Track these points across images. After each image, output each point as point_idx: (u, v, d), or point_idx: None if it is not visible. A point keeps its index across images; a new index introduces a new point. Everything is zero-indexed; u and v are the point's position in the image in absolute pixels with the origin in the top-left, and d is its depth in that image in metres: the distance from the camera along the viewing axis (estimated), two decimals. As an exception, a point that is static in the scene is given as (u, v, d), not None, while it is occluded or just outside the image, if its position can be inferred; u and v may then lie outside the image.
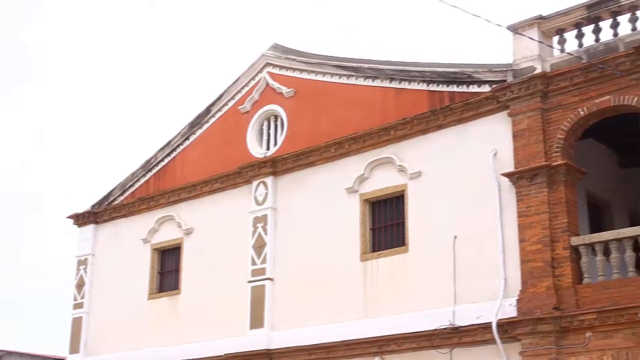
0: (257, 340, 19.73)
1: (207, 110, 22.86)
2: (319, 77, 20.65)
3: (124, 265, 23.28)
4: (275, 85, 21.47)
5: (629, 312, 14.83)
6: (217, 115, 22.67)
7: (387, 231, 18.81)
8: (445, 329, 16.86)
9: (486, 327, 16.29)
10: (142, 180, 23.80)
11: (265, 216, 20.62)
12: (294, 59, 21.27)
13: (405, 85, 18.98)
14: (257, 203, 20.83)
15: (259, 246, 20.47)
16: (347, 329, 18.31)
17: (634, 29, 16.14)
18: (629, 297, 14.96)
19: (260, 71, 21.93)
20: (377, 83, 19.48)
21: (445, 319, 16.90)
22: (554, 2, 17.10)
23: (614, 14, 16.43)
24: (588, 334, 15.24)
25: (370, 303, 18.33)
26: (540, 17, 17.01)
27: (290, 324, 19.44)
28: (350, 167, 19.32)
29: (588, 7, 16.62)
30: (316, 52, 21.27)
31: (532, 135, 16.63)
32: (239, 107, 22.10)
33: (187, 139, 23.19)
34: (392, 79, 19.20)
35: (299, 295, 19.52)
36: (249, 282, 20.41)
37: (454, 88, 18.13)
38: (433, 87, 18.47)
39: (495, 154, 17.14)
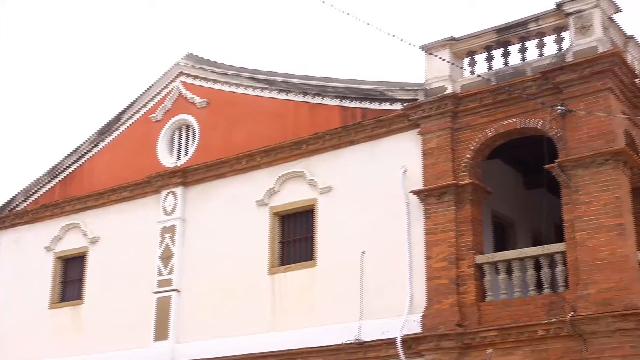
0: (162, 352, 19.46)
1: (118, 117, 22.51)
2: (233, 89, 20.59)
3: (26, 273, 22.66)
4: (188, 94, 21.30)
5: (529, 330, 15.18)
6: (128, 123, 22.35)
7: (296, 245, 18.82)
8: (351, 343, 16.95)
9: (391, 342, 16.45)
10: (47, 187, 23.24)
11: (173, 226, 20.38)
12: (207, 69, 21.15)
13: (318, 100, 19.08)
14: (166, 213, 20.58)
15: (166, 257, 20.22)
16: (253, 342, 18.23)
17: (541, 54, 16.62)
18: (529, 315, 15.33)
19: (173, 80, 21.73)
20: (291, 97, 19.53)
21: (352, 333, 17.00)
22: (466, 24, 17.49)
23: (523, 39, 16.89)
24: (489, 351, 15.54)
25: (278, 316, 18.30)
26: (452, 39, 17.36)
27: (195, 336, 19.24)
28: (261, 180, 19.29)
29: (498, 31, 17.04)
30: (230, 64, 21.22)
31: (441, 154, 16.92)
32: (151, 116, 21.83)
33: (95, 146, 22.77)
34: (305, 94, 19.28)
35: (205, 307, 19.34)
36: (155, 293, 20.13)
37: (366, 105, 18.32)
38: (346, 103, 18.62)
39: (404, 171, 17.37)
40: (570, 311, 14.73)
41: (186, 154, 21.06)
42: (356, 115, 18.39)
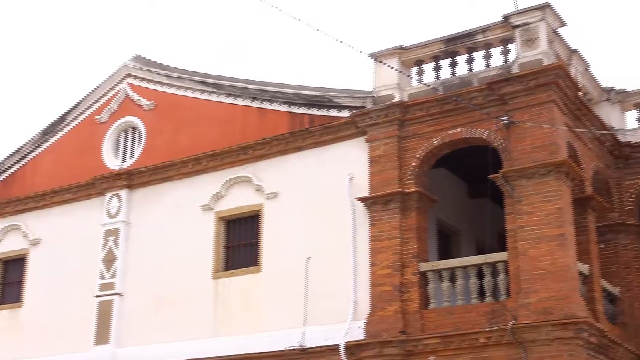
0: (102, 357, 19.21)
1: (62, 118, 22.18)
2: (181, 92, 20.45)
3: (-36, 275, 22.17)
4: (135, 96, 21.10)
5: (471, 337, 15.33)
6: (72, 124, 22.05)
7: (240, 250, 18.75)
8: (294, 349, 16.93)
9: (334, 349, 16.46)
10: (-12, 187, 22.82)
11: (117, 229, 20.15)
12: (155, 72, 20.99)
13: (267, 105, 19.05)
14: (110, 216, 20.34)
15: (109, 260, 19.98)
16: (195, 347, 18.09)
17: (487, 65, 16.84)
18: (471, 322, 15.48)
19: (120, 82, 21.51)
20: (239, 101, 19.47)
21: (295, 339, 16.98)
22: (415, 33, 17.65)
23: (470, 50, 17.09)
24: (431, 358, 15.65)
25: (221, 322, 18.19)
26: (401, 48, 17.49)
27: (137, 341, 19.02)
28: (207, 184, 19.18)
29: (446, 41, 17.22)
30: (179, 67, 21.08)
31: (387, 161, 17.01)
32: (96, 117, 21.57)
33: (38, 146, 22.41)
34: (254, 99, 19.24)
35: (147, 312, 19.15)
36: (97, 296, 19.87)
37: (314, 111, 18.34)
38: (294, 109, 18.63)
39: (351, 178, 17.42)
40: (512, 319, 14.92)
41: (132, 156, 20.85)
42: (304, 122, 18.40)
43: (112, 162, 20.98)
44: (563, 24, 16.72)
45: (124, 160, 20.93)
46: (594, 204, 16.95)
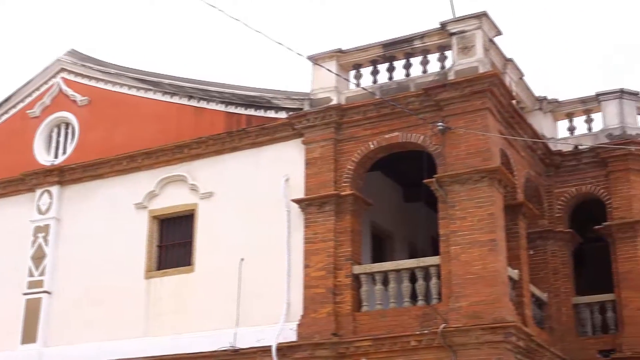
0: (29, 356, 18.82)
1: (-7, 111, 21.69)
2: (116, 88, 20.17)
3: None
4: (69, 92, 20.75)
5: (402, 340, 15.45)
6: (3, 118, 21.57)
7: (174, 250, 18.59)
8: (225, 350, 16.85)
9: (266, 350, 16.43)
10: None
11: (47, 226, 19.78)
12: (90, 67, 20.67)
13: (203, 104, 18.93)
14: (40, 212, 19.96)
15: (38, 257, 19.60)
16: (126, 347, 17.85)
17: (424, 71, 17.01)
18: (404, 325, 15.60)
19: (54, 76, 21.12)
20: (176, 100, 19.30)
21: (227, 340, 16.89)
22: (354, 37, 17.74)
23: (408, 55, 17.24)
24: (363, 360, 15.74)
25: (152, 322, 18.00)
26: (340, 51, 17.55)
27: (65, 340, 18.69)
28: (141, 183, 18.96)
29: (384, 46, 17.33)
30: (115, 63, 20.80)
31: (323, 164, 17.05)
32: (28, 112, 21.13)
33: (-32, 140, 21.87)
34: (191, 97, 19.09)
35: (77, 311, 18.82)
36: (24, 294, 19.46)
37: (251, 112, 18.29)
38: (231, 109, 18.54)
39: (287, 180, 17.42)
40: (442, 323, 15.08)
41: (64, 152, 20.50)
42: (241, 122, 18.33)
43: (44, 157, 20.59)
44: (499, 33, 16.98)
45: (56, 156, 20.56)
46: (525, 210, 17.25)
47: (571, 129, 19.96)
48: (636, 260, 18.19)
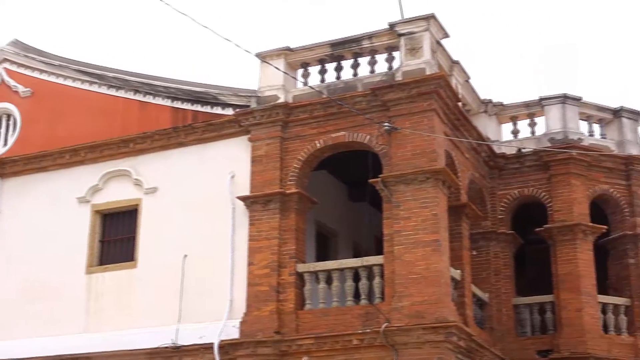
0: (-35, 351, 18.44)
1: None
2: (60, 80, 19.88)
3: None
4: (12, 82, 20.38)
5: (344, 339, 15.50)
6: (-56, 108, 21.10)
7: (116, 245, 18.40)
8: (166, 347, 16.72)
9: (208, 347, 16.34)
10: None
11: (-14, 219, 19.41)
12: (34, 58, 20.33)
13: (149, 99, 18.76)
14: (-21, 205, 19.57)
15: (-23, 251, 19.21)
16: (65, 343, 17.61)
17: (372, 71, 17.07)
18: (346, 324, 15.65)
19: (-4, 66, 20.73)
20: (121, 93, 19.10)
21: (168, 337, 16.76)
22: (303, 35, 17.73)
23: (356, 55, 17.29)
24: (305, 359, 15.74)
25: (93, 318, 17.79)
26: (288, 49, 17.53)
27: (3, 335, 18.34)
28: (85, 177, 18.72)
29: (332, 45, 17.36)
30: (59, 54, 20.48)
31: (269, 162, 17.02)
32: (-32, 102, 20.71)
33: None
34: (136, 91, 18.91)
35: (17, 305, 18.50)
36: (-38, 288, 19.07)
37: (198, 107, 18.18)
38: (177, 104, 18.41)
39: (232, 177, 17.35)
40: (385, 322, 15.16)
41: (5, 144, 20.15)
42: (187, 118, 18.21)
43: (-16, 149, 20.21)
44: (446, 35, 17.13)
45: (-4, 148, 20.18)
46: (468, 211, 17.44)
47: (515, 132, 20.23)
48: (575, 263, 18.51)
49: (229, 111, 17.77)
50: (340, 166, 18.90)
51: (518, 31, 51.78)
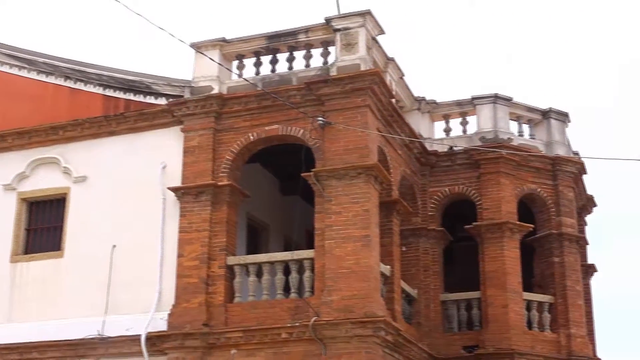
0: None
1: None
2: (-12, 65, 19.40)
3: None
4: (-64, 65, 19.81)
5: (273, 332, 15.50)
6: None
7: (43, 234, 18.07)
8: (92, 338, 16.50)
9: (135, 339, 16.17)
10: None
11: None
12: (-39, 41, 19.80)
13: (80, 86, 18.46)
14: None
15: None
16: (-13, 333, 17.22)
17: (307, 65, 17.07)
18: (275, 318, 15.65)
19: None
20: (51, 80, 18.74)
21: (95, 328, 16.54)
22: (239, 27, 17.62)
23: (291, 49, 17.26)
24: (233, 352, 15.70)
25: (17, 307, 17.45)
26: (223, 40, 17.41)
27: None
28: (11, 163, 18.33)
29: (268, 38, 17.30)
30: (-13, 39, 20.00)
31: (202, 153, 16.90)
32: None
33: None
34: (67, 78, 18.58)
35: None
36: None
37: (130, 96, 17.95)
38: (109, 92, 18.15)
39: (164, 167, 17.18)
40: (314, 316, 15.20)
41: None
42: (119, 106, 17.97)
43: None
44: (382, 32, 17.22)
45: None
46: (399, 208, 17.58)
47: (447, 131, 20.49)
48: (502, 260, 18.84)
49: (162, 101, 17.59)
50: (273, 159, 18.88)
51: (454, 30, 52.42)
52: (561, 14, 52.73)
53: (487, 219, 19.16)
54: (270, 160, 19.00)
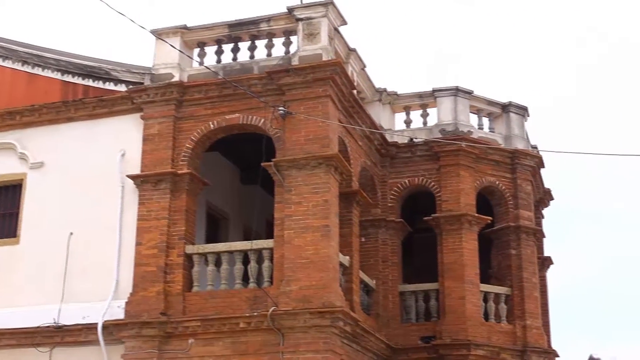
0: None
1: None
2: (-57, 48, 19.04)
3: None
4: None
5: (231, 322, 15.46)
6: None
7: (-2, 220, 17.82)
8: (48, 327, 16.33)
9: (91, 327, 16.05)
10: None
11: None
12: None
13: (38, 71, 18.23)
14: None
15: None
16: (-60, 320, 16.94)
17: (269, 54, 17.00)
18: (233, 307, 15.61)
19: None
20: (8, 64, 18.49)
21: (51, 316, 16.38)
22: (201, 14, 17.49)
23: (253, 38, 17.19)
24: (190, 341, 15.63)
25: (-30, 295, 17.19)
26: (185, 28, 17.27)
27: None
28: (-34, 149, 18.04)
29: (230, 26, 17.20)
30: (-58, 20, 19.64)
31: (161, 141, 16.77)
32: None
33: None
34: (25, 63, 18.33)
35: None
36: None
37: (89, 82, 17.77)
38: (68, 78, 17.95)
39: (123, 155, 17.03)
40: (272, 306, 15.18)
41: None
42: (78, 92, 17.77)
43: None
44: (344, 22, 17.21)
45: None
46: (359, 198, 17.61)
47: (407, 122, 20.55)
48: (460, 252, 18.98)
49: (122, 88, 17.43)
50: (234, 148, 18.80)
51: (415, 24, 52.58)
52: (518, 10, 53.20)
53: (446, 211, 19.27)
54: (230, 149, 18.92)
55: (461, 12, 53.12)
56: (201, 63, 17.19)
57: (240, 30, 17.15)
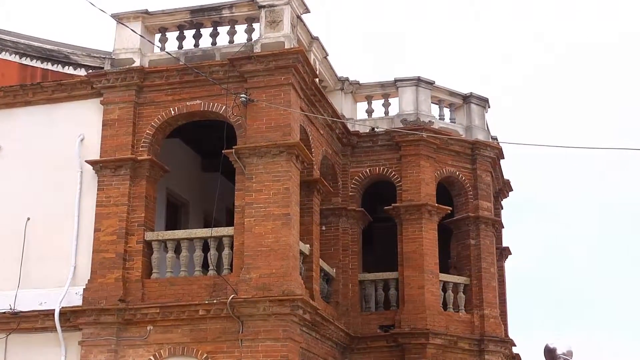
0: None
1: None
2: None
3: None
4: None
5: (190, 309, 15.40)
6: None
7: (-47, 205, 17.51)
8: (4, 313, 16.14)
9: (48, 314, 15.90)
10: None
11: None
12: None
13: (-5, 54, 17.94)
14: None
15: None
16: None
17: (231, 41, 16.92)
18: (192, 294, 15.56)
19: None
20: (-36, 46, 18.16)
21: (7, 302, 16.19)
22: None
23: (215, 24, 17.08)
24: (149, 328, 15.56)
25: None
26: (146, 12, 17.11)
27: None
28: None
29: (192, 12, 17.07)
30: None
31: (121, 126, 16.62)
32: None
33: None
34: (-18, 45, 18.02)
35: None
36: None
37: (48, 66, 17.54)
38: (26, 61, 17.70)
39: (82, 140, 16.86)
40: (232, 294, 15.16)
41: None
42: (36, 76, 17.53)
43: None
44: (307, 10, 17.18)
45: None
46: (320, 187, 17.63)
47: (369, 112, 20.60)
48: (420, 241, 19.10)
49: (82, 72, 17.23)
50: (195, 135, 18.70)
51: (376, 13, 52.68)
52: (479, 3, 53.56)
53: (407, 201, 19.37)
54: (191, 136, 18.81)
55: (424, 2, 53.35)
56: (162, 48, 17.04)
57: (202, 16, 17.04)
